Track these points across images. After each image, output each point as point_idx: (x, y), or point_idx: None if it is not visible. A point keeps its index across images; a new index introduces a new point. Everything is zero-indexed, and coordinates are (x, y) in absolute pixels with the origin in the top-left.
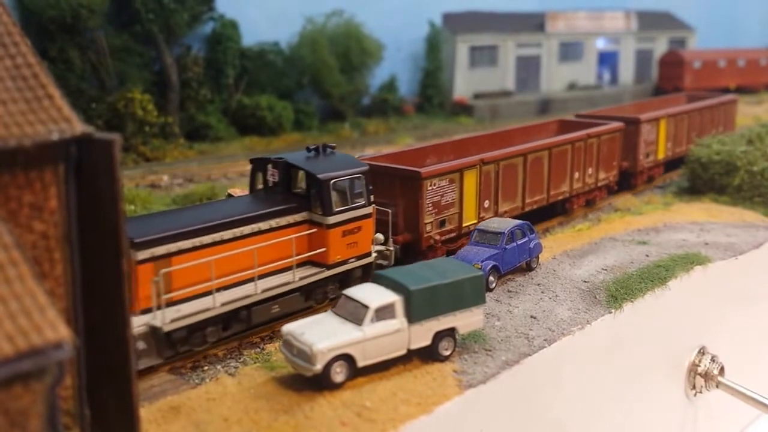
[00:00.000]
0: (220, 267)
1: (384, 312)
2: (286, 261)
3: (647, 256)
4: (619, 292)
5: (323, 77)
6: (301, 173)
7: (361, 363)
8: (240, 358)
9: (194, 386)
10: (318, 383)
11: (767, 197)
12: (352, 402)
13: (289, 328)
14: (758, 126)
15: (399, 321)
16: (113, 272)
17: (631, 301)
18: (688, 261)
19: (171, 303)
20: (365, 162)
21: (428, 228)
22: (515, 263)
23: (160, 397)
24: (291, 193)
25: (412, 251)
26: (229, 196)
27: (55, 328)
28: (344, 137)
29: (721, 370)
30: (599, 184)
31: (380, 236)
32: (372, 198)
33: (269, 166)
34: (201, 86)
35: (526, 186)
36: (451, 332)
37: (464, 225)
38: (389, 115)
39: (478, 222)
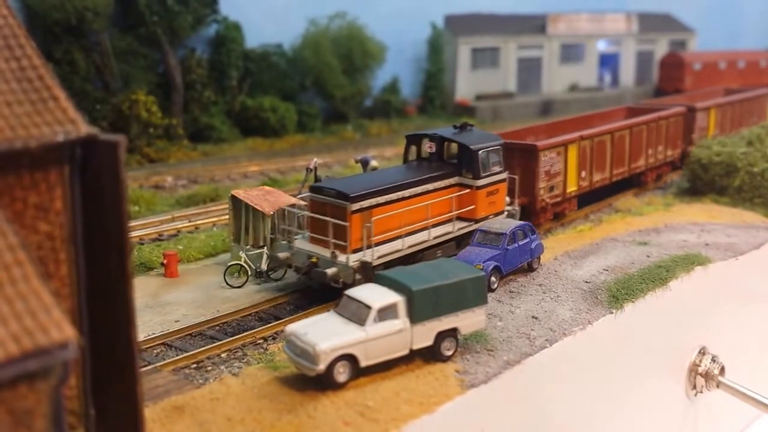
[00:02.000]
0: (403, 218)
1: (386, 312)
2: (446, 215)
3: (648, 256)
4: (620, 292)
5: (326, 79)
6: (453, 145)
7: (363, 363)
8: (243, 359)
9: (198, 386)
10: (321, 383)
11: (767, 198)
12: (355, 402)
13: (293, 328)
14: (758, 127)
15: (401, 321)
16: (118, 272)
17: (632, 302)
18: (689, 261)
19: (369, 246)
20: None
21: (541, 192)
22: (517, 264)
23: (165, 396)
24: (443, 162)
25: (527, 212)
26: (233, 197)
27: (60, 328)
28: (347, 138)
29: (722, 370)
30: (666, 160)
31: (507, 198)
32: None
33: (425, 141)
34: (205, 88)
35: (613, 160)
36: (453, 332)
37: (567, 191)
38: (391, 117)
39: (578, 189)
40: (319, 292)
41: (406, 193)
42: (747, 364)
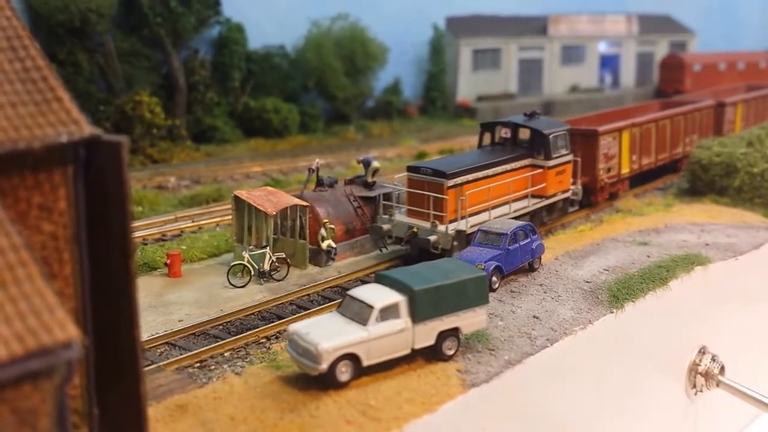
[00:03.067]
0: (489, 194)
1: (388, 312)
2: (522, 192)
3: (648, 256)
4: (621, 292)
5: (328, 80)
6: (526, 130)
7: (365, 362)
8: (246, 358)
9: (201, 385)
10: (323, 382)
11: (767, 198)
12: (357, 401)
13: (295, 327)
14: (758, 128)
15: (403, 321)
16: (122, 272)
17: (633, 301)
18: (689, 261)
19: (463, 217)
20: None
21: (601, 173)
22: (518, 264)
23: (168, 396)
24: (516, 145)
25: (587, 191)
26: (236, 198)
27: (64, 328)
28: (349, 139)
29: (722, 370)
30: None
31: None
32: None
33: (500, 127)
34: (208, 89)
35: (657, 146)
36: (454, 332)
37: (621, 172)
38: (393, 118)
39: (630, 171)
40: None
41: (490, 171)
42: (747, 364)
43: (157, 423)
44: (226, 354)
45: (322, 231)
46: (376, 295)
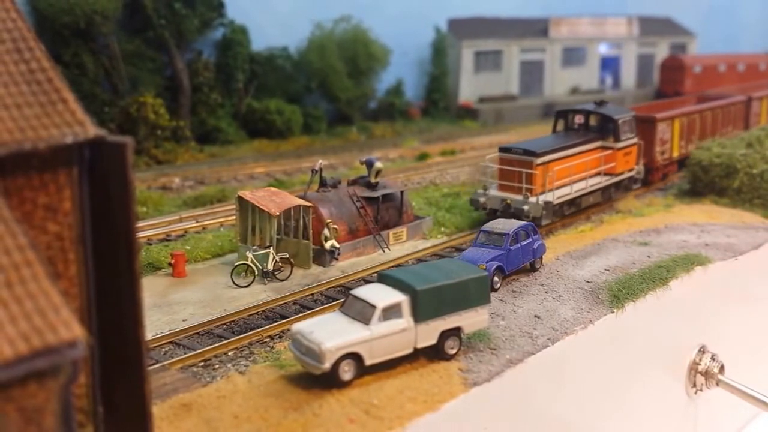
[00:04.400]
0: (570, 171)
1: (391, 311)
2: (595, 170)
3: (649, 256)
4: (621, 292)
5: (331, 81)
6: (597, 116)
7: (368, 361)
8: (250, 357)
9: (205, 384)
10: (326, 381)
11: (766, 199)
12: (360, 399)
13: (298, 327)
14: (758, 129)
15: (405, 320)
16: (126, 272)
17: (633, 301)
18: (689, 261)
19: (550, 190)
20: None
21: (657, 155)
22: (519, 264)
23: (172, 394)
24: (589, 129)
25: (646, 171)
26: (240, 198)
27: (69, 327)
28: (351, 140)
29: (721, 369)
30: None
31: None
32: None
33: (574, 114)
34: (212, 90)
35: (699, 134)
36: (456, 331)
37: (672, 156)
38: (396, 119)
39: (679, 155)
40: None
41: (570, 152)
42: (746, 363)
43: (162, 421)
44: (230, 353)
45: (326, 231)
46: (379, 294)
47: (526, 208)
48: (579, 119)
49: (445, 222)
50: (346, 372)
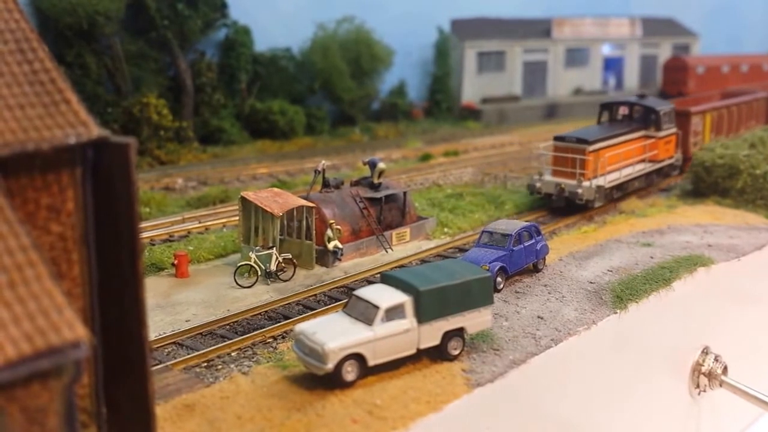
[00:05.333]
0: (618, 157)
1: (394, 312)
2: (640, 157)
3: (652, 257)
4: (625, 293)
5: (334, 82)
6: (639, 108)
7: (371, 362)
8: (253, 357)
9: (208, 385)
10: (330, 382)
11: None
12: (363, 400)
13: (302, 327)
14: (761, 130)
15: (409, 321)
16: (129, 272)
17: (636, 302)
18: (692, 262)
19: (602, 174)
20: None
21: (691, 146)
22: (522, 265)
23: (175, 395)
24: (631, 120)
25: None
26: (243, 199)
27: (72, 328)
28: (354, 141)
29: (725, 370)
30: None
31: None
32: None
33: (618, 106)
34: (215, 91)
35: (727, 128)
36: (459, 332)
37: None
38: (398, 120)
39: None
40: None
41: (617, 140)
42: (749, 363)
43: (165, 422)
44: (233, 354)
45: (329, 232)
46: (382, 295)
47: (579, 191)
48: (623, 111)
49: (449, 223)
50: (349, 372)
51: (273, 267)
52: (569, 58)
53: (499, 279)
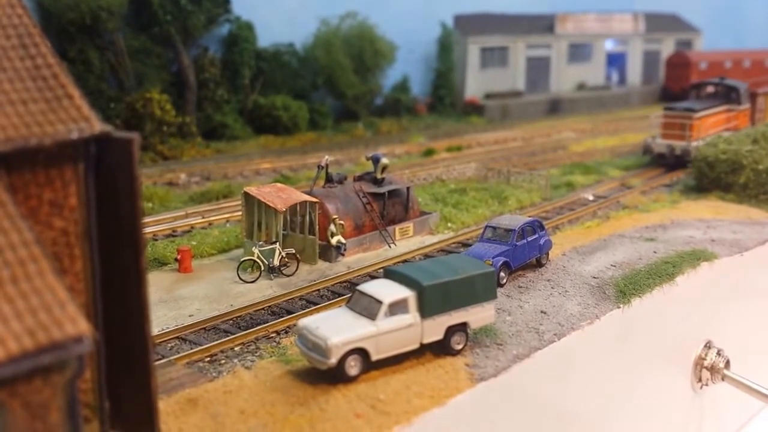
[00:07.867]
0: (714, 125)
1: (397, 307)
2: (725, 125)
3: (655, 252)
4: (628, 287)
5: (337, 78)
6: (723, 87)
7: (374, 357)
8: (256, 352)
9: (211, 379)
10: (333, 376)
11: None
12: (367, 395)
13: (305, 322)
14: (764, 125)
15: (412, 316)
16: (132, 267)
17: (639, 297)
18: (695, 257)
19: (703, 138)
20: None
21: (758, 121)
22: (526, 259)
23: (178, 389)
24: (716, 97)
25: None
26: (246, 194)
27: (75, 323)
28: (358, 136)
29: (727, 364)
30: None
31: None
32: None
33: (703, 86)
34: (218, 86)
35: None
36: (463, 327)
37: (766, 121)
38: (402, 115)
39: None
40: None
41: (713, 110)
42: (752, 358)
43: (168, 416)
44: (236, 348)
45: (332, 227)
46: (385, 290)
47: (688, 149)
48: (710, 89)
49: (452, 218)
50: (353, 367)
51: (276, 262)
52: (572, 54)
53: (502, 274)
